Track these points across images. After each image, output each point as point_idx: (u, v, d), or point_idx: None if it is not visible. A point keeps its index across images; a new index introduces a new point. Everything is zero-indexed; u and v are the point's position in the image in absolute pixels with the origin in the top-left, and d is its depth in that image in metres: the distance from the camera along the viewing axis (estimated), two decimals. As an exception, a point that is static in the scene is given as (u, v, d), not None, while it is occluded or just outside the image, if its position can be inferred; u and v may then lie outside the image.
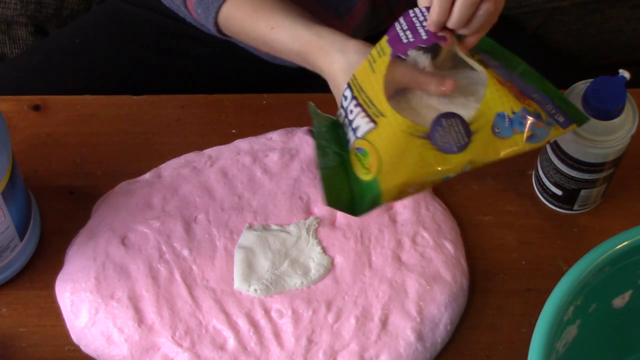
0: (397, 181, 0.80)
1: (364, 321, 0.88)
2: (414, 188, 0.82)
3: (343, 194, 0.82)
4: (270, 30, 0.92)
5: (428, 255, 0.91)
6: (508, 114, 0.81)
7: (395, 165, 0.80)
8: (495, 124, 0.81)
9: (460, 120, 0.81)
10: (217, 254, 0.92)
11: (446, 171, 0.80)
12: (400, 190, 0.81)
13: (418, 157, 0.80)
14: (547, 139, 0.81)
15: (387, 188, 0.80)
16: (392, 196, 0.81)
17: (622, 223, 0.96)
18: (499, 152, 0.81)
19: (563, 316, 0.76)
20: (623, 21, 1.30)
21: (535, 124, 0.81)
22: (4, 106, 1.01)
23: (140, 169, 0.98)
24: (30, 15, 1.32)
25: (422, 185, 0.82)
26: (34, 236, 0.93)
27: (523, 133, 0.80)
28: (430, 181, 0.81)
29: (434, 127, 0.81)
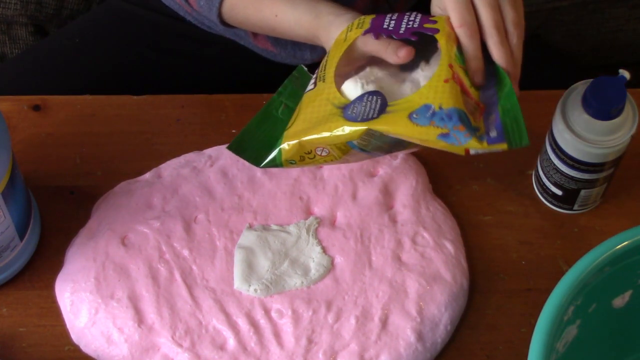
0: (293, 139, 0.84)
1: (364, 321, 0.88)
2: (321, 149, 0.83)
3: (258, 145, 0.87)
4: (274, 17, 0.93)
5: (428, 255, 0.91)
6: (434, 107, 0.80)
7: (301, 125, 0.84)
8: (416, 110, 0.80)
9: (381, 99, 0.81)
10: (217, 254, 0.92)
11: (344, 137, 0.81)
12: (300, 149, 0.84)
13: (324, 120, 0.82)
14: (462, 145, 0.79)
15: (285, 145, 0.84)
16: (291, 153, 0.84)
17: (622, 223, 0.96)
18: (406, 131, 0.80)
19: (563, 316, 0.76)
20: (623, 21, 1.30)
21: (456, 126, 0.79)
22: (4, 106, 1.01)
23: (140, 169, 0.98)
24: (30, 15, 1.32)
25: (329, 148, 0.83)
26: (34, 236, 0.93)
27: (438, 128, 0.79)
28: (332, 143, 0.82)
29: (353, 101, 0.82)
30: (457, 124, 0.79)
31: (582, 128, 0.88)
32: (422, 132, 0.79)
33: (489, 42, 0.82)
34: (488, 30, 0.82)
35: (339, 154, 0.84)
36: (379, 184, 0.95)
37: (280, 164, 0.86)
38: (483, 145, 0.79)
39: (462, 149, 0.79)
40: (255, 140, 0.88)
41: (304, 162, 0.86)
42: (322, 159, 0.85)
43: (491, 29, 0.82)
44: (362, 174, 0.95)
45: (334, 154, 0.84)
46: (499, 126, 0.80)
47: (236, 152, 0.88)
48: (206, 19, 1.02)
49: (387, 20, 0.84)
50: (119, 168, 0.98)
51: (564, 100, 0.90)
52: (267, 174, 0.95)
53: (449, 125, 0.79)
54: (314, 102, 0.85)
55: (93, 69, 1.13)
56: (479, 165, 0.99)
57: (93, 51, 1.14)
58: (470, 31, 0.82)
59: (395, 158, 0.97)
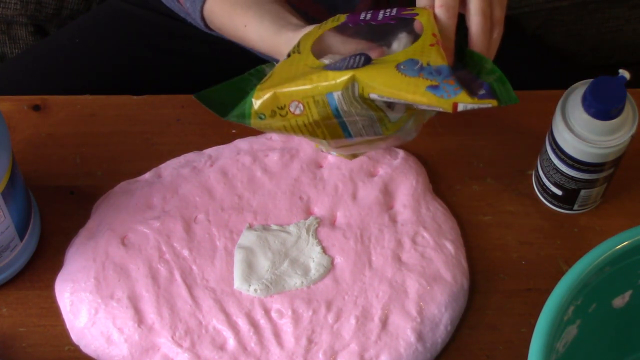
0: (267, 89, 0.78)
1: (364, 321, 0.88)
2: (295, 105, 0.78)
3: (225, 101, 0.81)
4: (244, 28, 0.92)
5: (428, 255, 0.91)
6: (422, 63, 0.77)
7: (275, 79, 0.79)
8: (404, 62, 0.77)
9: (365, 57, 0.79)
10: (217, 254, 0.92)
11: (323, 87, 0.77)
12: (273, 101, 0.78)
13: (301, 73, 0.78)
14: (452, 98, 0.76)
15: (257, 95, 0.78)
16: (263, 104, 0.78)
17: (622, 223, 0.96)
18: (394, 83, 0.76)
19: (563, 316, 0.76)
20: (623, 21, 1.30)
21: (446, 80, 0.76)
22: (4, 106, 1.01)
23: (140, 169, 0.98)
24: (30, 15, 1.32)
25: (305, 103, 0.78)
26: (34, 236, 0.93)
27: (428, 80, 0.76)
28: (310, 95, 0.77)
29: (336, 61, 0.79)
30: (447, 77, 0.76)
31: (582, 128, 0.88)
32: (410, 83, 0.76)
33: (473, 27, 0.81)
34: (475, 17, 0.81)
35: (315, 113, 0.78)
36: (379, 184, 0.95)
37: (249, 116, 0.80)
38: (474, 100, 0.76)
39: (450, 103, 0.76)
40: (223, 97, 0.82)
41: (274, 119, 0.79)
42: (294, 119, 0.79)
43: (478, 16, 0.81)
44: (362, 173, 0.95)
45: (309, 114, 0.78)
46: (487, 87, 0.78)
47: (202, 101, 0.81)
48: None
49: (363, 14, 0.82)
50: (119, 168, 0.98)
51: (564, 100, 0.90)
52: (267, 174, 0.95)
53: (439, 79, 0.76)
54: (290, 66, 0.80)
55: (93, 69, 1.13)
56: (479, 165, 0.99)
57: (93, 51, 1.14)
58: (449, 13, 0.81)
59: (395, 158, 0.97)
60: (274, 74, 0.81)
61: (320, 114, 0.78)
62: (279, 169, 0.96)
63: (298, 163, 0.96)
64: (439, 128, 1.01)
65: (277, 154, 0.96)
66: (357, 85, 0.77)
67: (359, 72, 0.77)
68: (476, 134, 1.00)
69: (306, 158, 0.96)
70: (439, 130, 1.01)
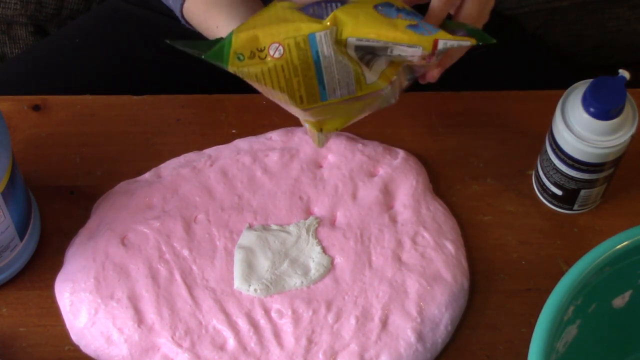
0: (246, 30, 0.77)
1: (364, 321, 0.88)
2: (275, 46, 0.76)
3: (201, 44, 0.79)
4: (215, 29, 0.93)
5: (428, 255, 0.91)
6: (397, 5, 0.78)
7: (254, 21, 0.78)
8: (381, 4, 0.78)
9: (341, 2, 0.79)
10: (217, 254, 0.92)
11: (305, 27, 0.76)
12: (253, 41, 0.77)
13: (282, 17, 0.77)
14: (432, 35, 0.77)
15: (237, 34, 0.77)
16: (242, 43, 0.76)
17: (622, 223, 0.96)
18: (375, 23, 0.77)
19: (563, 316, 0.76)
20: (623, 21, 1.30)
21: (425, 20, 0.78)
22: (4, 106, 1.01)
23: (140, 169, 0.98)
24: (30, 15, 1.32)
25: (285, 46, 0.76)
26: (34, 236, 0.93)
27: (406, 20, 0.77)
28: (292, 37, 0.76)
29: (311, 5, 0.79)
30: (423, 19, 0.78)
31: (582, 128, 0.88)
32: (390, 22, 0.76)
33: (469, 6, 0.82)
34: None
35: (295, 57, 0.76)
36: (379, 184, 0.95)
37: (227, 54, 0.77)
38: (453, 37, 0.77)
39: (430, 41, 0.77)
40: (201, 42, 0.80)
41: (252, 61, 0.77)
42: (273, 62, 0.77)
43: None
44: (362, 173, 0.95)
45: (289, 57, 0.77)
46: (462, 30, 0.79)
47: (178, 44, 0.80)
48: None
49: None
50: (119, 168, 0.98)
51: (564, 100, 0.90)
52: (267, 173, 0.95)
53: (417, 19, 0.78)
54: (265, 11, 0.79)
55: (93, 69, 1.13)
56: (479, 165, 0.99)
57: (93, 51, 1.14)
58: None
59: (395, 158, 0.97)
60: (253, 17, 0.79)
61: (300, 57, 0.77)
62: (279, 168, 0.96)
63: (298, 163, 0.96)
64: (439, 128, 1.01)
65: (277, 154, 0.96)
66: (336, 28, 0.77)
67: (340, 11, 0.77)
68: (476, 134, 1.00)
69: (306, 158, 0.96)
70: (439, 130, 1.01)
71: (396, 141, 0.99)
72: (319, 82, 0.79)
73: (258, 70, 0.78)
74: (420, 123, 1.01)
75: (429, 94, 1.02)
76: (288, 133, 0.98)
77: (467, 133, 1.01)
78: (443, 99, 1.03)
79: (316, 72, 0.78)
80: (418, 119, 1.01)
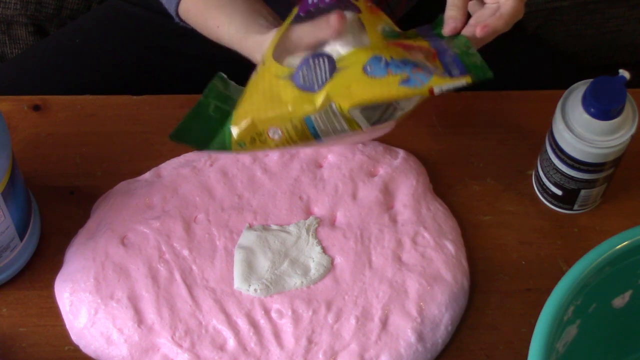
0: (244, 117, 0.80)
1: (364, 321, 0.88)
2: (273, 131, 0.80)
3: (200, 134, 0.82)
4: (216, 29, 0.93)
5: (428, 255, 0.91)
6: (385, 58, 0.78)
7: (248, 104, 0.80)
8: (368, 62, 0.78)
9: (328, 59, 0.79)
10: (217, 254, 0.92)
11: (301, 110, 0.79)
12: (252, 130, 0.80)
13: (275, 95, 0.79)
14: (425, 85, 0.77)
15: (235, 124, 0.80)
16: (243, 134, 0.80)
17: (622, 223, 0.96)
18: (368, 90, 0.78)
19: (563, 316, 0.76)
20: (623, 21, 1.30)
21: (414, 69, 0.78)
22: (4, 106, 1.01)
23: (140, 169, 0.98)
24: (30, 15, 1.32)
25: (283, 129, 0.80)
26: (34, 236, 0.93)
27: (397, 75, 0.77)
28: (288, 120, 0.79)
29: (299, 67, 0.80)
30: (414, 67, 0.78)
31: (582, 128, 0.88)
32: (382, 84, 0.77)
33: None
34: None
35: (294, 136, 0.80)
36: (379, 184, 0.95)
37: (230, 145, 0.82)
38: (446, 80, 0.77)
39: (426, 90, 0.77)
40: (195, 130, 0.83)
41: (254, 146, 0.81)
42: (274, 144, 0.81)
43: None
44: (362, 173, 0.95)
45: (288, 137, 0.80)
46: (460, 64, 0.79)
47: (179, 140, 0.83)
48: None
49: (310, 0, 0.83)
50: (119, 168, 0.98)
51: (564, 100, 0.90)
52: (267, 173, 0.95)
53: (407, 70, 0.78)
54: (259, 82, 0.81)
55: (93, 69, 1.13)
56: (479, 165, 0.99)
57: (93, 51, 1.14)
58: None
59: (395, 158, 0.97)
60: (247, 96, 0.82)
61: (299, 135, 0.80)
62: (279, 168, 0.96)
63: (298, 163, 0.96)
64: (439, 128, 1.01)
65: (277, 154, 0.96)
66: (334, 103, 0.78)
67: (332, 87, 0.78)
68: (476, 134, 1.00)
69: (306, 158, 0.96)
70: (439, 130, 1.01)
71: (396, 141, 0.99)
72: (315, 137, 0.81)
73: (260, 147, 0.82)
74: (420, 123, 1.01)
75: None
76: (288, 133, 0.98)
77: (467, 133, 1.01)
78: (443, 99, 1.02)
79: (314, 137, 0.81)
80: (418, 119, 1.01)
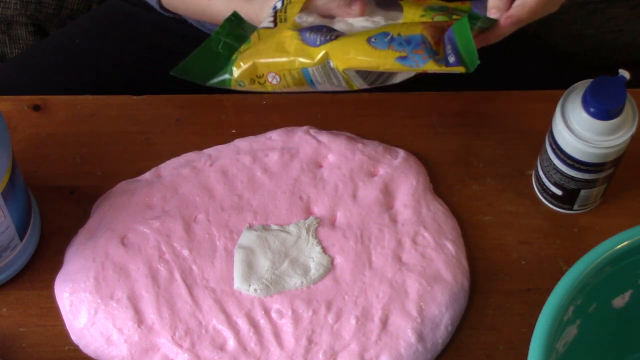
0: (248, 60, 0.85)
1: (364, 321, 0.88)
2: (272, 76, 0.85)
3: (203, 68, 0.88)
4: (208, 2, 0.93)
5: (429, 255, 0.91)
6: (392, 34, 0.82)
7: (254, 47, 0.86)
8: (375, 35, 0.83)
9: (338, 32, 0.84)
10: (217, 254, 0.92)
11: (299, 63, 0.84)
12: (252, 71, 0.86)
13: (279, 43, 0.85)
14: (420, 67, 0.81)
15: (237, 65, 0.86)
16: (243, 73, 0.86)
17: (622, 223, 0.96)
18: (365, 57, 0.82)
19: (563, 316, 0.76)
20: (623, 21, 1.30)
21: (415, 50, 0.81)
22: (4, 106, 1.01)
23: (140, 169, 0.98)
24: (30, 15, 1.32)
25: (281, 75, 0.85)
26: (34, 236, 0.93)
27: (397, 52, 0.81)
28: (287, 68, 0.85)
29: (311, 27, 0.85)
30: (415, 48, 0.81)
31: (582, 128, 0.88)
32: (380, 56, 0.81)
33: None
34: None
35: (291, 83, 0.86)
36: (380, 184, 0.95)
37: (229, 83, 0.87)
38: (441, 67, 0.81)
39: (419, 70, 0.81)
40: (200, 65, 0.89)
41: (253, 86, 0.87)
42: (272, 87, 0.86)
43: None
44: (362, 173, 0.95)
45: (285, 83, 0.86)
46: (457, 52, 0.81)
47: (181, 75, 0.89)
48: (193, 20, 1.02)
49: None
50: (119, 168, 0.98)
51: (564, 100, 0.90)
52: (267, 173, 0.95)
53: (408, 49, 0.81)
54: (274, 32, 0.86)
55: (93, 69, 1.13)
56: (479, 165, 0.99)
57: (93, 51, 1.14)
58: None
59: (395, 157, 0.97)
60: (254, 43, 0.87)
61: (295, 82, 0.86)
62: (279, 168, 0.96)
63: (298, 163, 0.96)
64: (439, 128, 1.01)
65: (277, 154, 0.96)
66: (331, 61, 0.83)
67: (332, 47, 0.83)
68: (476, 134, 1.00)
69: (306, 158, 0.96)
70: (439, 130, 1.01)
71: (396, 141, 0.99)
72: (312, 87, 0.88)
73: (258, 88, 0.88)
74: (420, 123, 1.01)
75: (429, 94, 1.02)
76: (288, 133, 0.98)
77: (467, 133, 1.01)
78: (443, 99, 1.03)
79: (310, 85, 0.87)
80: (418, 119, 1.01)
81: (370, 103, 1.02)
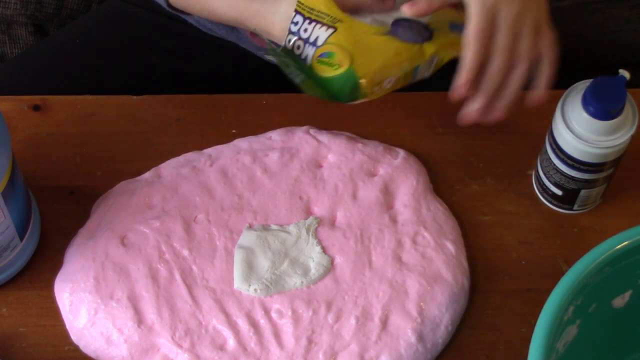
0: (374, 67, 0.85)
1: (364, 321, 0.88)
2: (388, 81, 0.86)
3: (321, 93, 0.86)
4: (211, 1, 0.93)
5: (429, 255, 0.91)
6: (458, 23, 0.87)
7: (366, 55, 0.85)
8: (450, 25, 0.87)
9: (416, 21, 0.86)
10: (217, 254, 0.91)
11: (414, 59, 0.86)
12: (378, 79, 0.85)
13: (385, 48, 0.85)
14: None
15: (366, 74, 0.85)
16: (371, 84, 0.85)
17: (622, 223, 0.96)
18: (461, 45, 0.85)
19: (563, 316, 0.76)
20: (623, 21, 1.30)
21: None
22: (4, 106, 1.01)
23: (140, 168, 0.98)
24: (30, 15, 1.32)
25: (396, 78, 0.86)
26: (34, 236, 0.93)
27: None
28: (403, 72, 0.86)
29: (394, 27, 0.86)
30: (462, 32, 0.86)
31: (582, 128, 0.88)
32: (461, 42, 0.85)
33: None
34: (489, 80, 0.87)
35: (402, 82, 0.88)
36: (380, 184, 0.95)
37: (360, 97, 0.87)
38: None
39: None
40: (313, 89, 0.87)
41: (372, 95, 0.87)
42: (385, 90, 0.87)
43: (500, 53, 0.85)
44: (362, 173, 0.95)
45: (396, 84, 0.87)
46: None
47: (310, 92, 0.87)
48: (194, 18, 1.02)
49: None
50: (119, 168, 0.98)
51: (564, 100, 0.90)
52: (267, 173, 0.95)
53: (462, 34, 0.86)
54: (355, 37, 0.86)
55: (93, 69, 1.12)
56: (479, 165, 0.99)
57: (93, 51, 1.14)
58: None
59: (395, 157, 0.97)
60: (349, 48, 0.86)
61: (405, 80, 0.88)
62: (279, 168, 0.96)
63: (298, 163, 0.96)
64: (439, 128, 1.01)
65: (277, 154, 0.96)
66: (436, 57, 0.87)
67: (435, 45, 0.86)
68: (476, 134, 1.00)
69: (306, 158, 0.96)
70: (439, 130, 1.01)
71: (396, 141, 0.99)
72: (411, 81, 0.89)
73: (374, 95, 0.87)
74: (420, 123, 1.01)
75: (429, 94, 1.02)
76: (288, 133, 0.98)
77: (467, 133, 1.00)
78: (443, 99, 1.02)
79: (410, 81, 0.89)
80: (418, 119, 1.01)
81: (370, 103, 1.02)
